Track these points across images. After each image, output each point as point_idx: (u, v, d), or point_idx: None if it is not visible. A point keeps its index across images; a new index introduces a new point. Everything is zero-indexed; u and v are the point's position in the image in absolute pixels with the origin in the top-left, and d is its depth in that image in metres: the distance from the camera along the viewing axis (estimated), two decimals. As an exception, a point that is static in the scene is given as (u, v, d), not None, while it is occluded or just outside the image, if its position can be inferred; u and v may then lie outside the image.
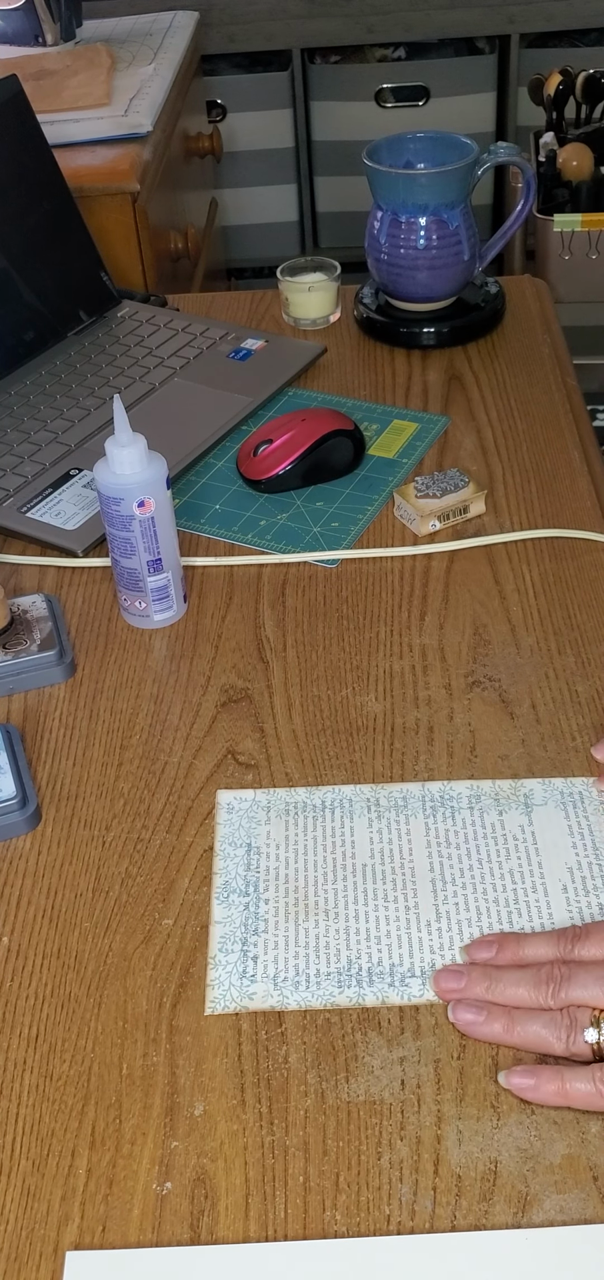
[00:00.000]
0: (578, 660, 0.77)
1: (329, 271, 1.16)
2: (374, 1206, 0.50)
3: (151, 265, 1.43)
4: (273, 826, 0.67)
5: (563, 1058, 0.53)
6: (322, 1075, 0.55)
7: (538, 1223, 0.49)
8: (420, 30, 2.42)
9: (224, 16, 2.38)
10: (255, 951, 0.60)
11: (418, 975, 0.58)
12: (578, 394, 1.06)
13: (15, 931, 0.63)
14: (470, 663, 0.77)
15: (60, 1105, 0.55)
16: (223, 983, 0.59)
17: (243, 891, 0.63)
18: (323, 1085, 0.55)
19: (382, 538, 0.89)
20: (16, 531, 0.91)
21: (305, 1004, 0.58)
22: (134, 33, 1.84)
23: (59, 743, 0.74)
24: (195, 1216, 0.51)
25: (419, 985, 0.58)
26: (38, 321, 1.13)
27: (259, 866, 0.65)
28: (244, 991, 0.58)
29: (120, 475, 0.78)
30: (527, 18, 2.39)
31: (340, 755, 0.71)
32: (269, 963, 0.60)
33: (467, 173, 1.07)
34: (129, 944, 0.62)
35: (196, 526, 0.92)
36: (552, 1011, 0.54)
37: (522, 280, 1.23)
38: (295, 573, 0.86)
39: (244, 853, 0.66)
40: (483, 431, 1.00)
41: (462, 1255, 0.48)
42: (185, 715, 0.75)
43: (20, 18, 1.73)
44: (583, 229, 1.90)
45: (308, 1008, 0.57)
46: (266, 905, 0.63)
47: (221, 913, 0.62)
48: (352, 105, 2.48)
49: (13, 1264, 0.50)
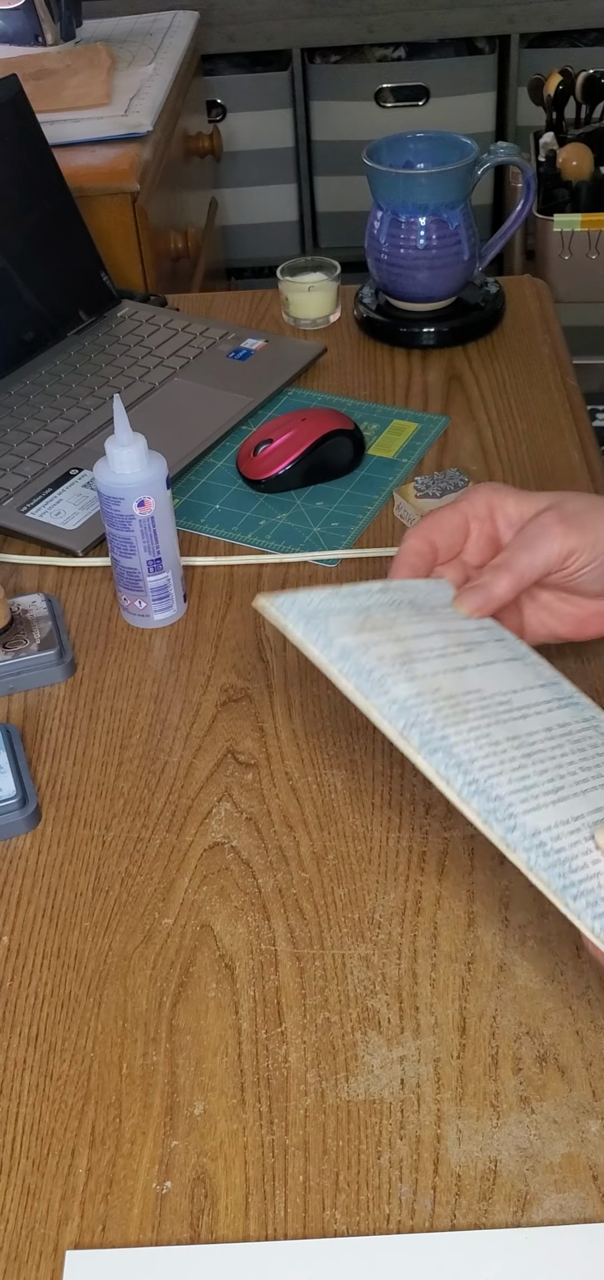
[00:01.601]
0: (578, 660, 0.77)
1: (329, 271, 1.16)
2: (374, 1206, 0.50)
3: (151, 265, 1.43)
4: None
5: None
6: (321, 1074, 0.55)
7: (537, 1222, 0.49)
8: (420, 30, 2.42)
9: (224, 16, 2.38)
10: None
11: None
12: (578, 394, 1.06)
13: (15, 931, 0.63)
14: (470, 662, 0.77)
15: (60, 1105, 0.55)
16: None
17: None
18: (323, 1084, 0.55)
19: (382, 537, 0.89)
20: (16, 531, 0.91)
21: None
22: (134, 32, 1.84)
23: (59, 742, 0.74)
24: (195, 1216, 0.51)
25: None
26: (38, 321, 1.13)
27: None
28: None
29: (120, 475, 0.78)
30: (527, 18, 2.39)
31: (340, 755, 0.71)
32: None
33: (467, 173, 1.07)
34: (129, 943, 0.62)
35: (196, 526, 0.92)
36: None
37: (522, 280, 1.23)
38: (295, 572, 0.86)
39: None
40: (483, 431, 1.00)
41: (461, 1255, 0.48)
42: (185, 715, 0.75)
43: (20, 17, 1.73)
44: (583, 229, 1.90)
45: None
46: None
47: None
48: (351, 105, 2.48)
49: (13, 1263, 0.50)
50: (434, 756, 0.53)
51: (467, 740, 0.54)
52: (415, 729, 0.54)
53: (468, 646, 0.61)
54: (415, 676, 0.56)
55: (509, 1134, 0.52)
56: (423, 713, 0.54)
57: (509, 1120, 0.53)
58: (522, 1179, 0.51)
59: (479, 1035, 0.56)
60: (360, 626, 0.58)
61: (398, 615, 0.61)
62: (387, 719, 0.54)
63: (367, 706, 0.55)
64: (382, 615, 0.60)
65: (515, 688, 0.59)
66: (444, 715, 0.55)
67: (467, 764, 0.53)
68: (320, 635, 0.57)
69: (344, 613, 0.59)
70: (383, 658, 0.56)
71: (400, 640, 0.58)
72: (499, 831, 0.51)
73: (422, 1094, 0.54)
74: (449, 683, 0.57)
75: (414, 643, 0.59)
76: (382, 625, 0.59)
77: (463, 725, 0.55)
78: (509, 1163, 0.51)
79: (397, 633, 0.59)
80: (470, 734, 0.54)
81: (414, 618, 0.61)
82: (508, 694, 0.59)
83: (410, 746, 0.53)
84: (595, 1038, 0.56)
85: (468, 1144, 0.52)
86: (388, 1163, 0.52)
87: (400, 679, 0.56)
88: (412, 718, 0.54)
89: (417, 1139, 0.52)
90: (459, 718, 0.55)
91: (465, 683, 0.58)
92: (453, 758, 0.53)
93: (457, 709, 0.55)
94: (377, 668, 0.56)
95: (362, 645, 0.57)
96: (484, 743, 0.54)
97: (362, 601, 0.61)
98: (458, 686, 0.57)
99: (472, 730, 0.55)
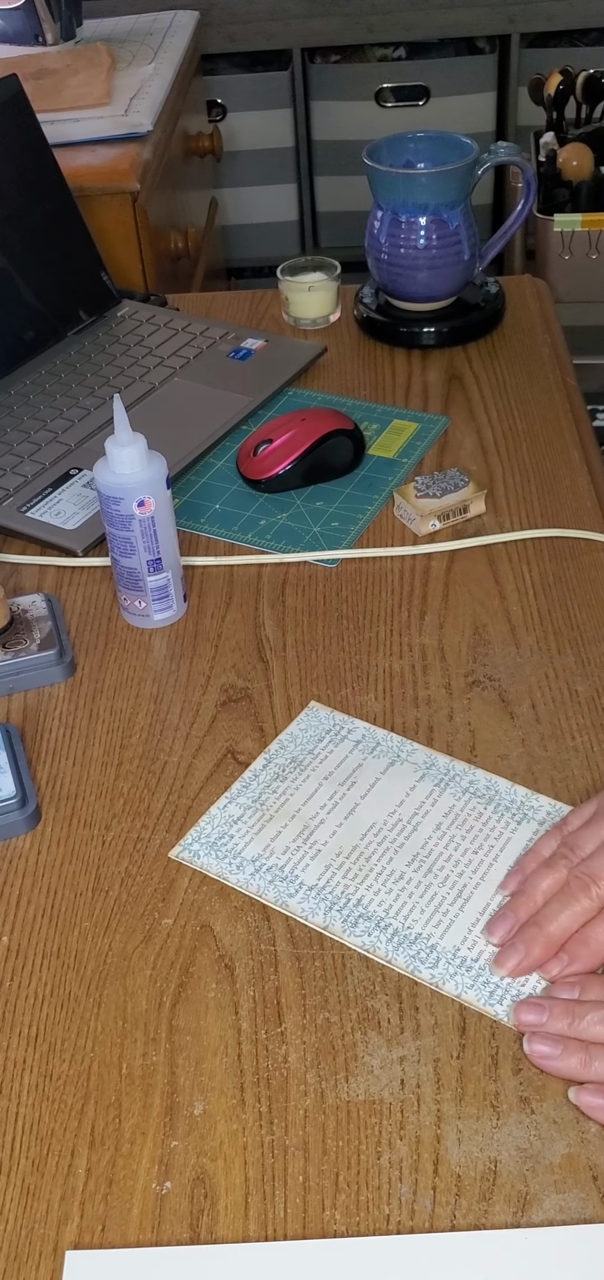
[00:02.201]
0: (578, 660, 0.77)
1: (329, 271, 1.16)
2: (374, 1206, 0.50)
3: (151, 265, 1.43)
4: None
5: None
6: (321, 1075, 0.55)
7: (537, 1222, 0.49)
8: (420, 30, 2.42)
9: (224, 16, 2.38)
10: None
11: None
12: (578, 394, 1.06)
13: (15, 931, 0.63)
14: (470, 662, 0.77)
15: (60, 1105, 0.55)
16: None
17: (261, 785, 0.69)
18: (322, 1085, 0.55)
19: (381, 537, 0.89)
20: (16, 531, 0.91)
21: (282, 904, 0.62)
22: (134, 32, 1.84)
23: (59, 742, 0.74)
24: (195, 1216, 0.51)
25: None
26: (38, 321, 1.13)
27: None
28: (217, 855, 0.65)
29: (120, 475, 0.78)
30: (527, 17, 2.39)
31: (340, 755, 0.71)
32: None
33: (467, 172, 1.07)
34: (129, 944, 0.62)
35: (196, 526, 0.92)
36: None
37: (522, 280, 1.23)
38: (295, 572, 0.86)
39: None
40: (483, 431, 1.00)
41: (461, 1255, 0.48)
42: (185, 715, 0.75)
43: (20, 17, 1.73)
44: (583, 229, 1.90)
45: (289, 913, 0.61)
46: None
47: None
48: (352, 105, 2.48)
49: (12, 1263, 0.50)
50: (355, 929, 0.61)
51: (377, 891, 0.63)
52: (335, 911, 0.62)
53: (351, 781, 0.69)
54: (318, 849, 0.65)
55: (509, 1134, 0.52)
56: (334, 886, 0.63)
57: (509, 1120, 0.53)
58: (522, 1179, 0.51)
59: (479, 1035, 0.56)
60: (260, 824, 0.67)
61: (285, 786, 0.69)
62: (305, 915, 0.62)
63: (287, 910, 0.62)
64: (273, 797, 0.68)
65: (400, 798, 0.68)
66: (352, 876, 0.63)
67: (383, 917, 0.61)
68: (231, 860, 0.65)
69: (241, 818, 0.67)
70: (288, 848, 0.65)
71: (295, 815, 0.67)
72: (427, 976, 0.58)
73: (422, 1094, 0.54)
74: (347, 836, 0.66)
75: (306, 808, 0.67)
76: (275, 808, 0.68)
77: (369, 875, 0.63)
78: (509, 1163, 0.51)
79: (290, 808, 0.67)
80: (377, 880, 0.63)
81: (299, 779, 0.69)
82: (396, 810, 0.67)
83: (334, 934, 0.61)
84: (595, 1038, 0.56)
85: (468, 1144, 0.52)
86: (388, 1163, 0.52)
87: (307, 860, 0.64)
88: (328, 900, 0.62)
89: (416, 1139, 0.52)
90: (365, 870, 0.64)
91: (359, 824, 0.66)
92: (372, 919, 0.61)
93: (360, 862, 0.64)
94: (286, 863, 0.64)
95: (267, 849, 0.65)
96: (390, 884, 0.63)
97: (253, 793, 0.69)
98: (355, 834, 0.66)
99: (377, 876, 0.63)
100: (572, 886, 0.59)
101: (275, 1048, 0.56)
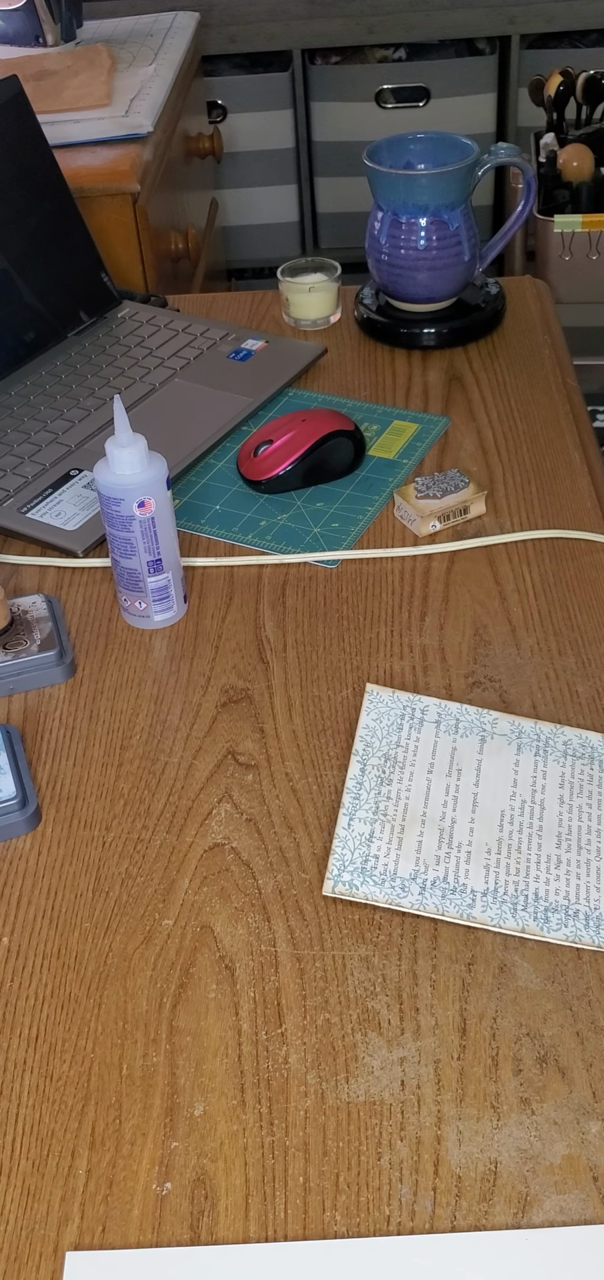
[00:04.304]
0: (578, 660, 0.77)
1: (329, 272, 1.16)
2: (374, 1207, 0.50)
3: (152, 265, 1.43)
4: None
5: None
6: (321, 1075, 0.55)
7: (538, 1223, 0.49)
8: (421, 31, 2.42)
9: (224, 17, 2.38)
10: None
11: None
12: (578, 395, 1.06)
13: (15, 932, 0.63)
14: (471, 663, 0.77)
15: (60, 1105, 0.55)
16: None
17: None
18: (323, 1086, 0.55)
19: (382, 538, 0.89)
20: (16, 532, 0.91)
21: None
22: (134, 33, 1.84)
23: (59, 743, 0.74)
24: (195, 1217, 0.51)
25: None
26: (38, 322, 1.13)
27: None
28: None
29: (120, 475, 0.78)
30: (527, 18, 2.39)
31: (341, 756, 0.71)
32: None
33: (467, 173, 1.07)
34: (129, 944, 0.62)
35: (197, 527, 0.92)
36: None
37: (522, 281, 1.23)
38: (296, 573, 0.86)
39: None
40: (483, 432, 1.00)
41: (461, 1256, 0.48)
42: (185, 716, 0.75)
43: (21, 18, 1.73)
44: (583, 230, 1.90)
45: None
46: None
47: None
48: (352, 106, 2.48)
49: (13, 1264, 0.50)
50: (549, 924, 0.60)
51: (547, 880, 0.63)
52: (521, 911, 0.61)
53: (456, 769, 0.69)
54: (467, 850, 0.64)
55: (509, 1135, 0.52)
56: (504, 886, 0.62)
57: (509, 1121, 0.53)
58: (522, 1180, 0.51)
59: (479, 1036, 0.56)
60: (395, 837, 0.65)
61: (395, 789, 0.68)
62: (497, 923, 0.61)
63: (474, 922, 0.61)
64: (390, 804, 0.67)
65: (511, 778, 0.68)
66: (514, 871, 0.63)
67: (568, 905, 0.61)
68: (391, 883, 0.63)
69: (373, 835, 0.65)
70: (438, 857, 0.64)
71: (425, 819, 0.66)
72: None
73: (422, 1095, 0.54)
74: (485, 831, 0.65)
75: (431, 810, 0.66)
76: (400, 815, 0.66)
77: (530, 865, 0.63)
78: (509, 1164, 0.51)
79: (415, 813, 0.66)
80: (540, 869, 0.63)
81: (404, 777, 0.68)
82: (515, 792, 0.67)
83: (533, 934, 0.60)
84: (595, 1039, 0.56)
85: (468, 1145, 0.52)
86: (388, 1164, 0.52)
87: (463, 864, 0.63)
88: (509, 903, 0.62)
89: (417, 1140, 0.52)
90: (522, 862, 0.63)
91: (489, 816, 0.66)
92: (559, 910, 0.61)
93: (513, 855, 0.64)
94: (445, 873, 0.63)
95: (419, 862, 0.64)
96: (553, 869, 0.63)
97: (368, 804, 0.67)
98: (491, 826, 0.65)
99: (537, 864, 0.63)
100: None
101: (276, 1049, 0.56)
